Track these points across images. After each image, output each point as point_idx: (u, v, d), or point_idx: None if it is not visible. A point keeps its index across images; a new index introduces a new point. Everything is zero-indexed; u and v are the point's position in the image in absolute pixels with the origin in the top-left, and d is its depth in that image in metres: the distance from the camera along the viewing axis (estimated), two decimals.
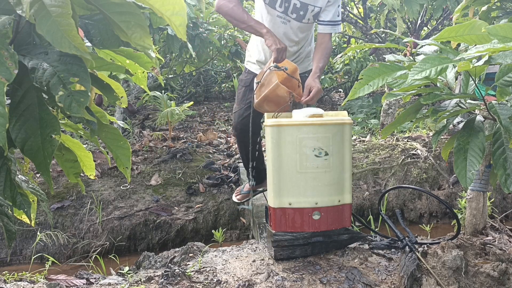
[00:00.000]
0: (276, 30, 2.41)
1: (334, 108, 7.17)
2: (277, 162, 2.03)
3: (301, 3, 2.35)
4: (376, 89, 1.55)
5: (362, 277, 1.93)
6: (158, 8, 1.02)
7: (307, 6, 2.36)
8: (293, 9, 2.37)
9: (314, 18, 2.42)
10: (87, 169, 1.52)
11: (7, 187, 1.16)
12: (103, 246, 3.21)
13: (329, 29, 2.42)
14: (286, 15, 2.41)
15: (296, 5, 2.36)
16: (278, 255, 2.11)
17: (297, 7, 2.37)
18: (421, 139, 4.15)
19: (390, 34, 6.11)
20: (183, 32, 1.04)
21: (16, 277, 2.17)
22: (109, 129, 1.31)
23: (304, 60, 2.64)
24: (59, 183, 3.52)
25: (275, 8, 2.39)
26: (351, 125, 2.10)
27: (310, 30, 2.54)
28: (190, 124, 5.74)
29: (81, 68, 1.00)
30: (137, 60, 1.34)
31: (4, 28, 0.97)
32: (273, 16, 2.43)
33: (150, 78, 5.35)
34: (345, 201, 2.12)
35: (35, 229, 3.13)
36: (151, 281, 2.00)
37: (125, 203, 3.47)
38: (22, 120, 1.04)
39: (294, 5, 2.36)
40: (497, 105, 1.50)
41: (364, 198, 3.61)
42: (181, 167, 3.93)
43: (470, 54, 1.26)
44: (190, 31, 4.43)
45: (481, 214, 2.16)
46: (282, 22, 2.43)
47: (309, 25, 2.48)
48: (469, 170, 1.55)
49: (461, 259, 1.87)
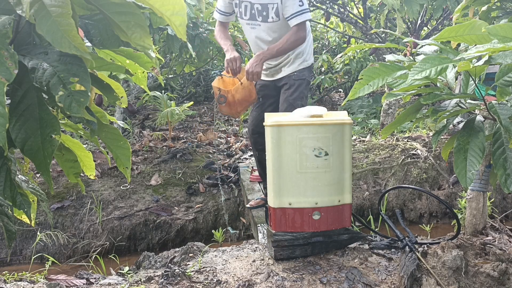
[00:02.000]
0: (249, 36, 2.77)
1: (334, 108, 7.17)
2: (277, 162, 2.03)
3: (261, 5, 2.61)
4: (376, 89, 1.55)
5: (362, 277, 1.93)
6: (158, 8, 1.02)
7: (267, 5, 2.59)
8: (258, 13, 2.63)
9: (277, 15, 2.60)
10: (87, 169, 1.52)
11: (7, 187, 1.15)
12: (103, 246, 3.21)
13: (294, 20, 2.57)
14: (254, 20, 2.68)
15: (258, 8, 2.61)
16: (278, 255, 2.11)
17: (259, 10, 2.61)
18: (421, 139, 4.15)
19: (390, 34, 6.11)
20: (183, 32, 1.04)
21: (16, 277, 2.17)
22: (109, 129, 1.31)
23: (294, 61, 2.75)
24: (59, 183, 3.52)
25: (243, 18, 2.71)
26: (351, 125, 2.10)
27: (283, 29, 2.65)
28: (190, 124, 5.74)
29: (81, 68, 1.00)
30: (137, 60, 1.34)
31: (4, 28, 0.97)
32: (243, 25, 2.76)
33: (150, 78, 5.35)
34: (345, 201, 2.12)
35: (35, 229, 3.13)
36: (151, 281, 2.00)
37: (125, 203, 3.47)
38: (22, 120, 1.04)
39: (256, 9, 2.61)
40: (497, 105, 1.50)
41: (364, 198, 3.62)
42: (181, 167, 3.93)
43: (470, 54, 1.26)
44: (190, 31, 4.43)
45: (481, 214, 2.16)
46: (251, 28, 2.72)
47: (279, 23, 2.63)
48: (469, 170, 1.55)
49: (461, 259, 1.86)
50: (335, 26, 7.00)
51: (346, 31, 6.70)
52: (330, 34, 7.49)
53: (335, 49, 7.23)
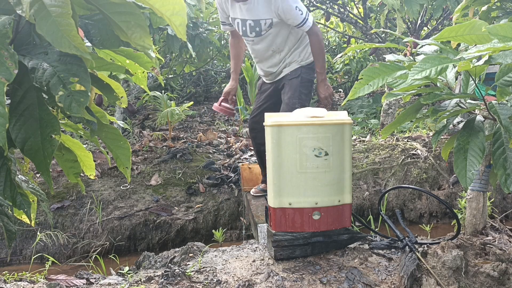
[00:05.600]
0: (249, 48, 2.81)
1: (334, 108, 7.17)
2: (277, 162, 2.03)
3: (254, 21, 2.59)
4: (376, 89, 1.55)
5: (362, 277, 1.93)
6: (158, 8, 1.02)
7: (259, 21, 2.59)
8: (250, 29, 2.63)
9: (271, 26, 2.61)
10: (87, 169, 1.52)
11: (7, 187, 1.15)
12: (103, 246, 3.21)
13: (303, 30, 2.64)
14: (247, 37, 2.69)
15: (250, 24, 2.61)
16: (278, 255, 2.11)
17: (252, 26, 2.61)
18: (421, 139, 4.15)
19: (390, 34, 6.12)
20: (183, 32, 1.04)
21: (16, 277, 2.17)
22: (109, 129, 1.31)
23: (291, 63, 2.77)
24: (59, 183, 3.52)
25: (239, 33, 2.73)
26: (351, 125, 2.10)
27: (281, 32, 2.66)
28: (190, 124, 5.74)
29: (81, 68, 1.00)
30: (137, 60, 1.34)
31: (4, 28, 0.97)
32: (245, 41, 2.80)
33: (150, 78, 5.35)
34: (345, 201, 2.12)
35: (35, 229, 3.13)
36: (151, 281, 2.00)
37: (125, 203, 3.47)
38: (22, 120, 1.04)
39: (249, 25, 2.61)
40: (497, 105, 1.50)
41: (364, 198, 3.61)
42: (181, 167, 3.93)
43: (470, 54, 1.26)
44: (190, 31, 4.43)
45: (481, 214, 2.16)
46: (248, 43, 2.77)
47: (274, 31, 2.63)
48: (469, 170, 1.55)
49: (461, 259, 1.86)
50: (335, 26, 7.00)
51: (346, 31, 6.71)
52: (330, 34, 7.50)
53: (335, 49, 7.24)
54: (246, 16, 2.58)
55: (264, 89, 2.95)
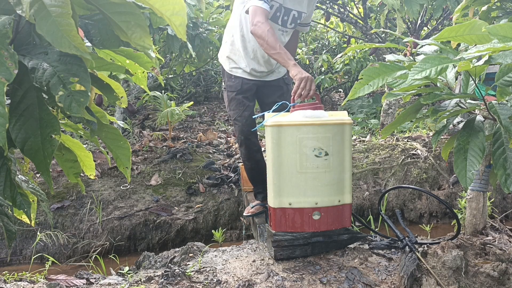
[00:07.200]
0: None
1: (334, 108, 7.17)
2: (277, 162, 2.03)
3: (298, 13, 2.51)
4: (376, 89, 1.55)
5: (362, 277, 1.93)
6: (158, 8, 1.02)
7: (301, 13, 2.54)
8: (292, 19, 2.53)
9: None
10: (87, 169, 1.52)
11: (7, 187, 1.15)
12: (103, 246, 3.21)
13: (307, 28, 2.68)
14: (285, 27, 2.56)
15: (294, 15, 2.52)
16: (278, 255, 2.11)
17: (295, 17, 2.53)
18: (421, 139, 4.15)
19: (390, 34, 6.12)
20: (183, 32, 1.04)
21: (16, 277, 2.17)
22: (109, 129, 1.31)
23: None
24: (59, 183, 3.52)
25: (277, 22, 2.51)
26: (351, 125, 2.10)
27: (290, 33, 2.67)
28: (190, 124, 5.74)
29: (81, 68, 1.00)
30: (137, 60, 1.34)
31: (4, 28, 0.97)
32: (275, 29, 2.44)
33: (150, 78, 5.35)
34: (345, 201, 2.12)
35: (35, 229, 3.13)
36: (151, 281, 2.00)
37: (125, 203, 3.47)
38: (22, 120, 1.04)
39: (293, 15, 2.52)
40: (497, 105, 1.50)
41: (364, 198, 3.61)
42: (181, 167, 3.93)
43: (470, 54, 1.26)
44: (190, 31, 4.43)
45: (481, 214, 2.16)
46: (281, 34, 2.58)
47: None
48: (469, 170, 1.55)
49: (461, 259, 1.86)
50: (335, 26, 7.00)
51: (346, 31, 6.70)
52: (330, 34, 7.50)
53: (335, 49, 7.24)
54: (293, 6, 2.47)
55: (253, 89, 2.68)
